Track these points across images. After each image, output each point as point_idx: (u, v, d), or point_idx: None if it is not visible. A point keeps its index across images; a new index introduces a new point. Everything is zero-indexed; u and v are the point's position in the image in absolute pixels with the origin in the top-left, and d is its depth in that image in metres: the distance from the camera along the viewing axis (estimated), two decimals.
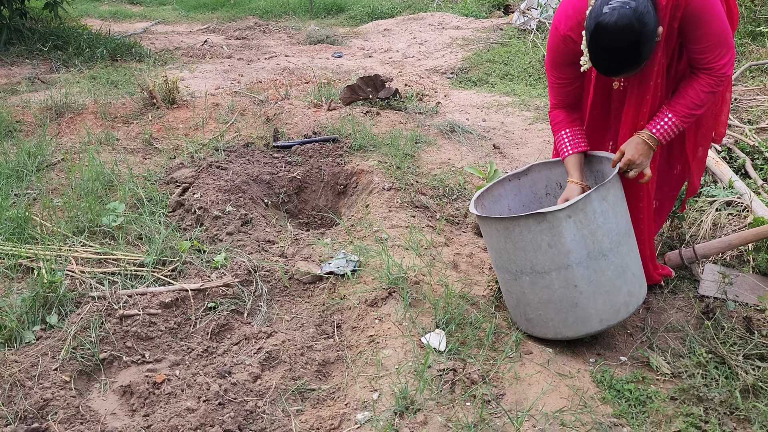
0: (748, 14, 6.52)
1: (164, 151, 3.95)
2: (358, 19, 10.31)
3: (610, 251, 2.17)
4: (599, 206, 2.13)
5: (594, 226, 2.12)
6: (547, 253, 2.14)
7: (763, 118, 4.41)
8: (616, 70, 2.06)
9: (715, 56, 2.11)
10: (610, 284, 2.19)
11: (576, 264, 2.14)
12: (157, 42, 7.94)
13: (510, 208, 2.66)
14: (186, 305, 2.49)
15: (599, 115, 2.49)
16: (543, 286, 2.20)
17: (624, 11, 1.91)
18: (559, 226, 2.10)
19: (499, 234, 2.23)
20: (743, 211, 3.17)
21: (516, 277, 2.26)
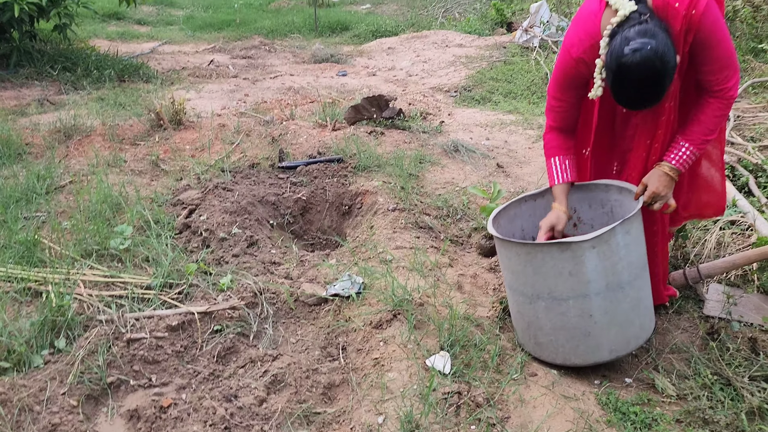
0: (750, 31, 6.56)
1: (171, 172, 3.99)
2: (362, 37, 10.41)
3: (628, 284, 2.19)
4: (623, 239, 2.15)
5: (616, 258, 2.14)
6: (568, 281, 2.16)
7: (766, 136, 4.42)
8: (641, 106, 2.10)
9: (723, 78, 2.16)
10: (625, 316, 2.22)
11: (594, 294, 2.16)
12: (164, 62, 8.03)
13: (523, 228, 2.68)
14: (192, 328, 2.50)
15: (604, 140, 2.52)
16: (558, 313, 2.22)
17: (646, 53, 1.94)
18: (583, 255, 2.12)
19: (519, 258, 2.24)
20: (747, 230, 3.17)
21: (531, 301, 2.27)
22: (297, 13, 12.22)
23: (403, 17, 12.09)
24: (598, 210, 2.59)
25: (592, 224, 2.61)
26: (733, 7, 6.71)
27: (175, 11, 13.22)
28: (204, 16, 12.23)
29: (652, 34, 1.94)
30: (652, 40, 1.93)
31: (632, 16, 2.00)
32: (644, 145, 2.34)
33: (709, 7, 2.03)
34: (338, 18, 11.46)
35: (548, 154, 2.48)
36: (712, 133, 2.22)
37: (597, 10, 2.14)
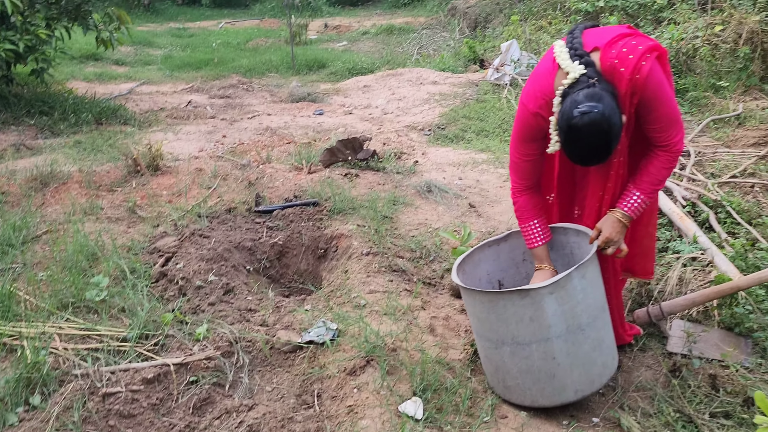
0: (710, 68, 6.83)
1: (148, 219, 4.04)
2: (338, 74, 10.59)
3: (588, 325, 2.29)
4: (579, 283, 2.25)
5: (574, 302, 2.24)
6: (529, 326, 2.25)
7: (726, 172, 4.60)
8: (591, 163, 2.24)
9: (669, 135, 2.29)
10: (587, 357, 2.31)
11: (555, 337, 2.25)
12: (141, 103, 8.10)
13: (489, 272, 2.77)
14: (168, 380, 2.53)
15: (566, 187, 2.64)
16: (523, 357, 2.31)
17: (593, 116, 2.07)
18: (542, 301, 2.21)
19: (483, 305, 2.33)
20: (707, 266, 3.30)
21: (497, 347, 2.35)
22: (274, 52, 12.40)
23: (379, 54, 12.33)
24: (560, 252, 2.69)
25: (554, 266, 2.71)
26: (693, 45, 7.00)
27: (153, 51, 13.33)
28: (182, 56, 12.35)
29: (599, 97, 2.07)
30: (599, 103, 2.06)
31: (581, 79, 2.13)
32: (597, 195, 2.46)
33: (653, 71, 2.16)
34: (315, 56, 11.66)
35: (523, 218, 2.56)
36: (661, 183, 2.35)
37: (551, 69, 2.27)
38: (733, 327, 2.86)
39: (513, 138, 2.51)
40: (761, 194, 4.18)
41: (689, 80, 6.85)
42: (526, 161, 2.49)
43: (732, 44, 6.60)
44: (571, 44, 2.23)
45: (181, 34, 15.81)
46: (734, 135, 5.47)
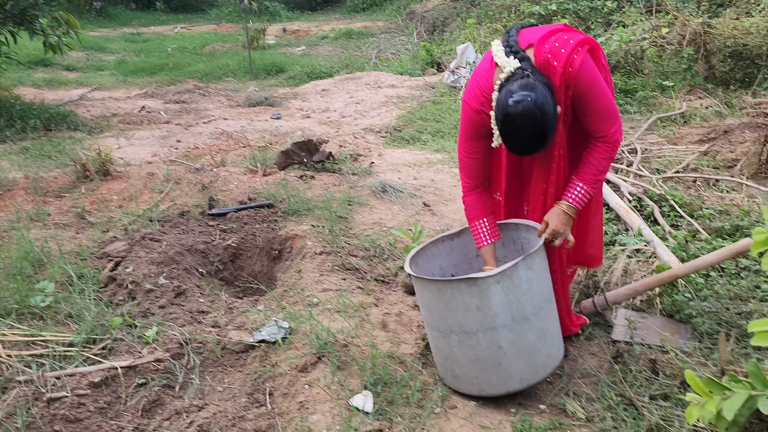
0: (656, 69, 7.06)
1: (97, 224, 3.97)
2: (297, 79, 10.57)
3: (533, 315, 2.34)
4: (525, 274, 2.31)
5: (519, 292, 2.29)
6: (476, 315, 2.29)
7: (670, 168, 4.75)
8: (526, 152, 2.30)
9: (605, 126, 2.37)
10: (532, 346, 2.36)
11: (501, 326, 2.30)
12: (93, 109, 7.96)
13: (442, 267, 2.81)
14: (116, 383, 2.50)
15: (514, 184, 2.70)
16: (470, 346, 2.35)
17: (527, 105, 2.13)
18: (488, 290, 2.26)
19: (432, 294, 2.37)
20: (650, 257, 3.41)
21: (445, 336, 2.39)
22: (231, 56, 12.31)
23: (338, 58, 12.36)
24: (510, 247, 2.75)
25: (505, 261, 2.77)
26: (641, 47, 7.22)
27: (105, 56, 13.10)
28: (136, 61, 12.17)
29: (531, 87, 2.14)
30: (531, 92, 2.13)
31: (516, 72, 2.20)
32: (541, 188, 2.53)
33: (585, 64, 2.24)
34: (273, 60, 11.61)
35: (471, 217, 2.62)
36: (602, 174, 2.42)
37: (489, 68, 2.34)
38: (673, 314, 2.97)
39: (460, 137, 2.56)
40: (702, 188, 4.35)
41: (638, 80, 7.06)
42: (473, 159, 2.54)
43: (677, 45, 6.84)
44: (507, 42, 2.29)
45: (135, 39, 15.57)
46: (679, 133, 5.66)
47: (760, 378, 1.88)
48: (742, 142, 5.02)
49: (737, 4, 7.41)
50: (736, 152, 4.85)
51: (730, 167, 4.70)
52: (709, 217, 3.81)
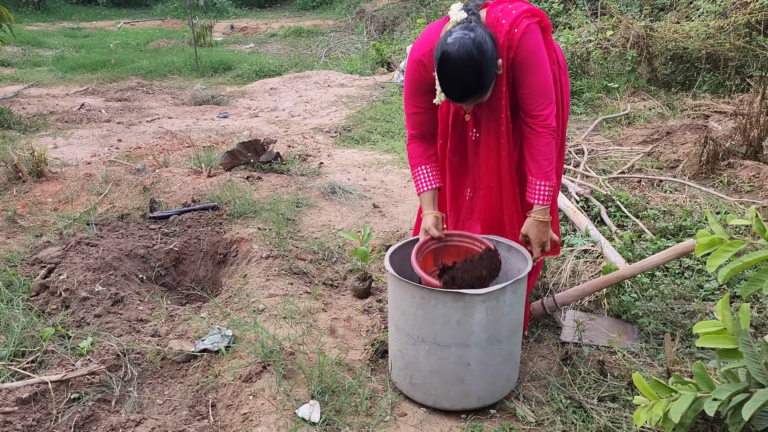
0: (602, 71, 7.19)
1: (29, 228, 3.77)
2: (245, 77, 10.37)
3: (506, 339, 2.33)
4: (510, 298, 2.29)
5: (500, 314, 2.27)
6: (454, 329, 2.25)
7: (616, 168, 4.84)
8: (463, 94, 2.24)
9: (538, 105, 2.35)
10: (497, 368, 2.35)
11: (475, 344, 2.28)
12: (29, 107, 7.60)
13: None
14: (47, 399, 2.35)
15: (458, 164, 2.66)
16: (439, 358, 2.31)
17: (464, 41, 2.12)
18: (473, 308, 2.22)
19: (413, 300, 2.30)
20: (598, 257, 3.44)
21: (415, 343, 2.34)
22: (177, 53, 11.99)
23: (287, 56, 12.19)
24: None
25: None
26: (587, 49, 7.35)
27: (43, 51, 12.56)
28: (76, 57, 11.70)
29: (471, 28, 2.16)
30: (470, 32, 2.14)
31: (462, 21, 2.21)
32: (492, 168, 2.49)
33: (530, 30, 2.25)
34: (220, 58, 11.36)
35: (413, 164, 2.60)
36: (551, 162, 2.41)
37: (441, 23, 2.37)
38: (620, 314, 3.00)
39: (405, 92, 2.55)
40: (647, 188, 4.43)
41: (584, 82, 7.19)
42: (416, 113, 2.53)
43: (621, 48, 6.98)
44: (466, 5, 2.31)
45: (75, 34, 15.01)
46: (624, 134, 5.78)
47: (705, 380, 1.89)
48: (684, 143, 5.16)
49: (678, 9, 7.63)
50: (678, 153, 4.98)
51: (672, 168, 4.81)
52: (653, 217, 3.88)
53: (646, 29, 6.75)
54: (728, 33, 6.40)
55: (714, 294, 3.10)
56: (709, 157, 4.60)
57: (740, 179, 4.40)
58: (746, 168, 4.51)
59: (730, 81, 6.54)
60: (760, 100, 4.82)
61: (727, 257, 1.77)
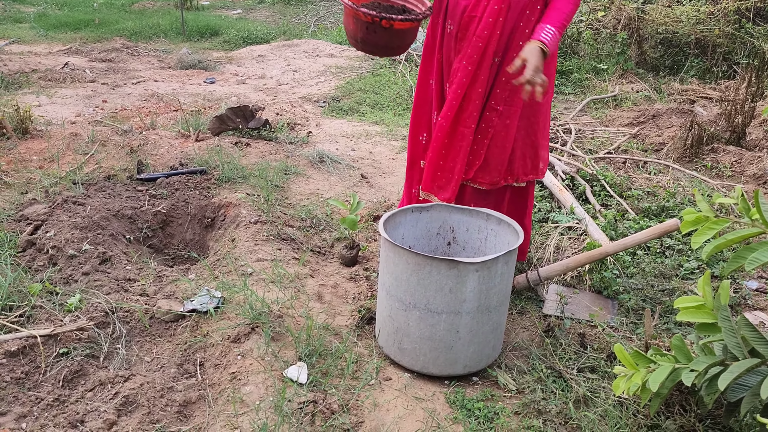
0: (592, 51, 7.22)
1: (15, 185, 3.73)
2: (232, 43, 10.21)
3: (495, 309, 2.39)
4: (501, 269, 2.34)
5: (491, 284, 2.32)
6: (447, 296, 2.30)
7: (602, 148, 4.89)
8: None
9: None
10: (484, 337, 2.41)
11: (466, 312, 2.33)
12: (10, 64, 7.43)
13: (404, 236, 2.78)
14: (35, 353, 2.37)
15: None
16: (429, 324, 2.35)
17: None
18: (466, 276, 2.26)
19: (407, 266, 2.33)
20: (582, 234, 3.50)
21: (407, 309, 2.38)
22: (163, 16, 11.75)
23: (275, 24, 12.02)
24: (474, 234, 2.77)
25: (464, 246, 2.80)
26: (577, 29, 7.36)
27: (25, 8, 12.24)
28: (59, 15, 11.43)
29: None
30: None
31: None
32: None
33: None
34: (207, 22, 11.16)
35: None
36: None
37: None
38: (601, 290, 3.07)
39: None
40: (632, 169, 4.50)
41: (573, 62, 7.21)
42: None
43: (612, 29, 7.01)
44: None
45: None
46: (611, 115, 5.84)
47: (684, 352, 1.96)
48: (669, 126, 5.23)
49: None
50: (663, 136, 5.04)
51: (657, 150, 4.88)
52: (637, 197, 3.95)
53: (638, 11, 6.78)
54: (718, 19, 6.46)
55: (693, 273, 3.18)
56: (693, 141, 4.68)
57: (723, 164, 4.48)
58: (729, 153, 4.59)
59: (717, 67, 6.62)
60: (746, 87, 4.89)
61: (711, 234, 1.83)
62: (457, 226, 2.80)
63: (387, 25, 2.49)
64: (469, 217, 2.77)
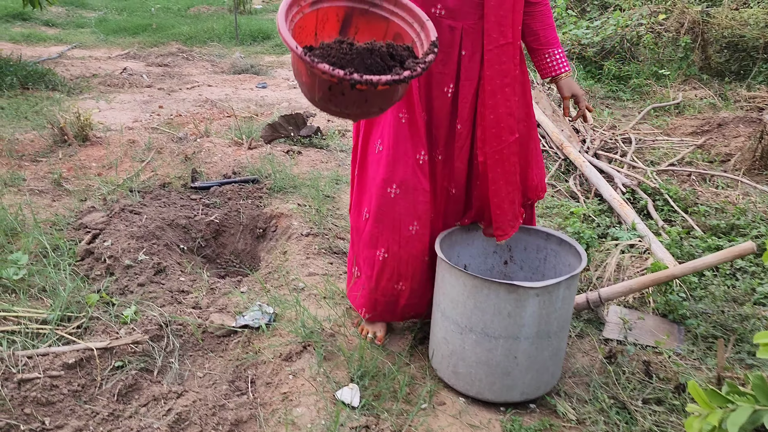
0: (652, 56, 6.97)
1: (75, 192, 3.81)
2: (284, 47, 10.30)
3: (555, 334, 2.29)
4: (563, 293, 2.24)
5: (552, 309, 2.23)
6: (505, 321, 2.22)
7: (664, 160, 4.69)
8: None
9: None
10: (543, 363, 2.31)
11: (524, 338, 2.24)
12: (72, 68, 7.67)
13: (459, 255, 2.71)
14: (91, 365, 2.39)
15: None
16: (486, 349, 2.28)
17: None
18: (526, 300, 2.18)
19: (464, 288, 2.26)
20: (644, 252, 3.35)
21: (462, 332, 2.31)
22: (217, 20, 11.97)
23: None
24: (533, 254, 2.68)
25: (521, 265, 2.71)
26: (637, 33, 7.12)
27: (86, 13, 12.66)
28: (118, 20, 11.77)
29: None
30: None
31: None
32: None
33: None
34: (260, 26, 11.31)
35: None
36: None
37: None
38: (666, 314, 2.92)
39: None
40: (697, 183, 4.29)
41: (632, 67, 6.97)
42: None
43: (674, 33, 6.75)
44: None
45: None
46: (674, 123, 5.61)
47: (765, 392, 1.82)
48: (737, 136, 4.98)
49: None
50: (730, 146, 4.81)
51: (724, 162, 4.65)
52: (703, 213, 3.76)
53: (703, 15, 6.50)
54: None
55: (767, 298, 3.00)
56: (763, 152, 4.44)
57: None
58: None
59: None
60: None
61: None
62: (514, 244, 2.71)
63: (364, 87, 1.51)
64: (528, 236, 2.67)
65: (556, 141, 4.74)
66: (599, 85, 6.83)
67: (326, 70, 1.41)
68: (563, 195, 4.23)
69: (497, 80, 2.26)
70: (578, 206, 3.94)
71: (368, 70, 1.50)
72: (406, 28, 1.66)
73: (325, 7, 1.60)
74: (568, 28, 7.53)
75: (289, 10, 1.56)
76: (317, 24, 1.59)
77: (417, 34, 1.65)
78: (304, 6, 1.57)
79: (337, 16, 1.63)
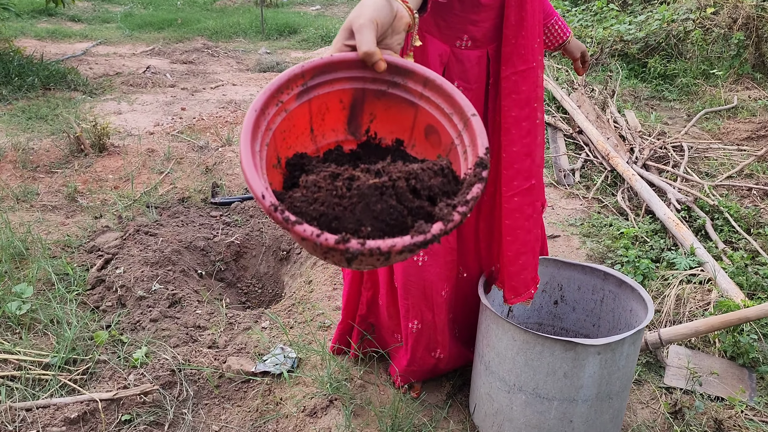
0: (701, 54, 6.53)
1: (89, 208, 3.60)
2: (310, 42, 10.03)
3: (616, 395, 2.00)
4: (627, 350, 1.94)
5: (615, 368, 1.94)
6: (560, 381, 1.93)
7: (721, 171, 4.32)
8: None
9: None
10: (602, 427, 2.02)
11: (582, 401, 1.95)
12: (96, 67, 7.50)
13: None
14: (96, 419, 2.16)
15: None
16: (537, 411, 1.99)
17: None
18: (585, 359, 1.89)
19: (513, 343, 1.98)
20: (707, 282, 3.02)
21: (510, 390, 2.03)
22: (243, 14, 11.73)
23: None
24: (587, 295, 2.37)
25: (574, 306, 2.41)
26: (684, 28, 6.68)
27: (113, 7, 12.53)
28: (144, 14, 11.61)
29: None
30: None
31: None
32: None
33: None
34: (286, 20, 11.04)
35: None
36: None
37: None
38: (735, 357, 2.60)
39: None
40: (759, 199, 3.92)
41: (679, 65, 6.55)
42: None
43: (726, 29, 6.30)
44: None
45: None
46: (726, 127, 5.21)
47: None
48: None
49: None
50: None
51: None
52: None
53: (758, 9, 6.04)
54: None
55: None
56: None
57: None
58: None
59: None
60: None
61: None
62: (566, 283, 2.41)
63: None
64: (583, 275, 2.36)
65: (602, 150, 4.39)
66: (643, 85, 6.42)
67: (308, 236, 0.85)
68: (611, 211, 3.90)
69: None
70: (628, 226, 3.61)
71: (377, 221, 0.90)
72: (441, 120, 1.08)
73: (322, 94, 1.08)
74: (610, 23, 7.12)
75: (259, 122, 1.00)
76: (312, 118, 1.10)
77: (458, 133, 1.05)
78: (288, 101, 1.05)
79: (342, 102, 1.11)
